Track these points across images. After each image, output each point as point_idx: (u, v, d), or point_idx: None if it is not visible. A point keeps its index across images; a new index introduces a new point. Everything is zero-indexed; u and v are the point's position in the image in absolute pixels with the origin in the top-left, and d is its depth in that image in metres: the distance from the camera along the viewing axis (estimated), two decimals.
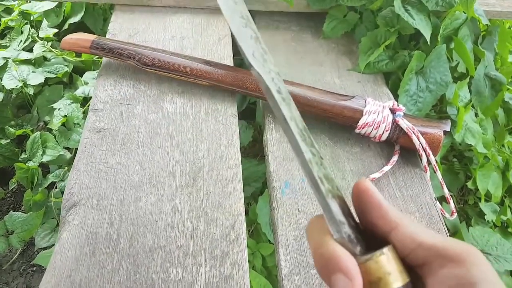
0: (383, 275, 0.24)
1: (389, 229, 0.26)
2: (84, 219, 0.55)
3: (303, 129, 0.28)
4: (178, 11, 0.87)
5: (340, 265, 0.23)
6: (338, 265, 0.23)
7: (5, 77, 1.06)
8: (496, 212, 1.01)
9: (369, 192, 0.26)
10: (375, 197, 0.26)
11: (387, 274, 0.24)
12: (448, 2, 0.78)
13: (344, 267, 0.23)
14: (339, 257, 0.24)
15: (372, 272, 0.24)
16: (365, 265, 0.24)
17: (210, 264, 0.53)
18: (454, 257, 0.23)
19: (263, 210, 0.87)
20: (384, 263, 0.24)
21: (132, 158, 0.62)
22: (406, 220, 0.26)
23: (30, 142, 1.02)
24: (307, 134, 0.28)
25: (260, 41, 0.30)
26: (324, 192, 0.26)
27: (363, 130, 0.67)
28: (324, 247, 0.25)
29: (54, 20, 1.17)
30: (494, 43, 0.96)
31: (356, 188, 0.27)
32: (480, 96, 0.91)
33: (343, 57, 0.85)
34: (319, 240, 0.25)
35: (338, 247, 0.24)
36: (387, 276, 0.23)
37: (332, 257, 0.24)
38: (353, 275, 0.23)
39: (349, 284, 0.23)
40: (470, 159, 1.02)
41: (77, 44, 0.72)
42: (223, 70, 0.70)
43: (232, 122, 0.69)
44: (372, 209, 0.26)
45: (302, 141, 0.27)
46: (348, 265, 0.23)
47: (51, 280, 0.50)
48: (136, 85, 0.72)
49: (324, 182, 0.26)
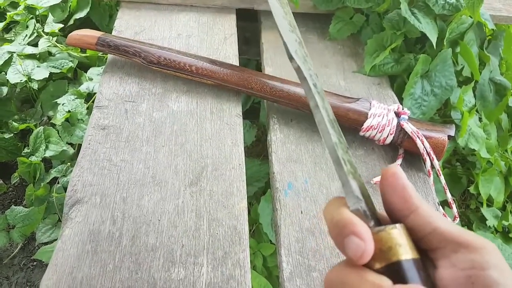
0: (393, 245, 0.25)
1: (409, 212, 0.27)
2: (87, 217, 0.55)
3: (333, 120, 0.31)
4: (185, 9, 0.87)
5: (354, 228, 0.24)
6: (352, 229, 0.25)
7: (9, 71, 1.06)
8: (497, 218, 1.01)
9: (396, 175, 0.28)
10: (402, 180, 0.28)
11: (397, 245, 0.25)
12: (455, 6, 0.78)
13: (357, 231, 0.24)
14: (353, 223, 0.25)
15: (383, 241, 0.25)
16: (377, 235, 0.25)
17: (212, 264, 0.53)
18: (468, 243, 0.25)
19: (265, 210, 0.87)
20: (395, 236, 0.25)
21: (136, 156, 0.62)
22: (426, 206, 0.27)
23: (33, 136, 1.02)
24: (336, 126, 0.30)
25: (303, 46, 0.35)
26: (346, 171, 0.28)
27: (367, 133, 0.67)
28: (340, 215, 0.26)
29: (59, 15, 1.17)
30: (500, 47, 0.96)
31: (385, 171, 0.28)
32: (485, 101, 0.91)
33: (349, 59, 0.85)
34: (336, 211, 0.27)
35: (353, 215, 0.26)
36: (397, 247, 0.25)
37: (347, 223, 0.25)
38: (365, 237, 0.24)
39: (362, 244, 0.24)
40: (473, 163, 1.02)
41: (83, 40, 0.72)
42: (228, 69, 0.70)
43: (237, 122, 0.69)
44: (396, 191, 0.27)
45: (331, 127, 0.29)
46: (362, 229, 0.24)
47: (53, 277, 0.50)
48: (141, 83, 0.72)
49: (347, 164, 0.28)
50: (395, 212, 0.28)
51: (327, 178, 0.64)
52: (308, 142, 0.68)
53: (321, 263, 0.55)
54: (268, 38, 0.87)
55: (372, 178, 0.65)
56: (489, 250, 0.24)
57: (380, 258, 0.25)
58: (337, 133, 0.30)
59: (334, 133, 0.29)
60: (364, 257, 0.24)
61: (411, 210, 0.27)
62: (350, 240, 0.24)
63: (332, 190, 0.63)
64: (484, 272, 0.23)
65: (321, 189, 0.62)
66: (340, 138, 0.30)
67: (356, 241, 0.24)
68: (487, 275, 0.23)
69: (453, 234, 0.25)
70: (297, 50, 0.33)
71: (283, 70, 0.80)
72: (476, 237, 0.25)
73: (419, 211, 0.27)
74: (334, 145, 0.29)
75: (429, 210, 0.27)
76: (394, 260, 0.24)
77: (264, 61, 0.82)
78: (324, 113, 0.30)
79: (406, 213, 0.27)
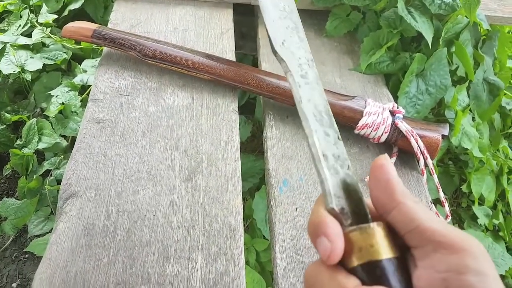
0: (364, 246, 0.24)
1: (391, 207, 0.26)
2: (81, 211, 0.55)
3: (323, 111, 0.30)
4: (181, 3, 0.86)
5: (324, 229, 0.25)
6: (321, 229, 0.25)
7: (2, 61, 1.04)
8: (488, 216, 1.02)
9: (382, 168, 0.27)
10: (386, 174, 0.27)
11: (369, 245, 0.24)
12: (451, 6, 0.78)
13: (326, 231, 0.25)
14: (324, 223, 0.25)
15: (354, 241, 0.25)
16: (349, 235, 0.25)
17: (206, 260, 0.53)
18: (450, 244, 0.23)
19: (259, 206, 0.88)
20: (367, 236, 0.25)
21: (131, 151, 0.62)
22: (410, 201, 0.26)
23: (26, 128, 1.01)
24: (327, 117, 0.29)
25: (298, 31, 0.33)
26: (325, 167, 0.27)
27: (362, 131, 0.67)
28: (315, 214, 0.26)
29: (54, 6, 1.16)
30: (494, 48, 0.97)
31: (373, 164, 0.28)
32: (478, 101, 0.92)
33: (345, 56, 0.85)
34: (313, 210, 0.27)
35: (326, 215, 0.26)
36: (368, 248, 0.24)
37: (319, 222, 0.25)
38: (333, 238, 0.24)
39: (329, 245, 0.24)
40: (466, 162, 1.03)
41: (78, 32, 0.71)
42: (225, 64, 0.70)
43: (233, 118, 0.69)
44: (381, 185, 0.27)
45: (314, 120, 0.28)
46: (331, 230, 0.25)
47: (46, 271, 0.50)
48: (137, 76, 0.72)
49: (330, 159, 0.28)
50: (378, 207, 0.27)
51: None
52: (303, 139, 0.69)
53: (314, 260, 0.55)
54: (265, 34, 0.86)
55: (366, 176, 0.66)
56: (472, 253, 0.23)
57: (354, 257, 0.25)
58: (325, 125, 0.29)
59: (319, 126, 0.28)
60: (331, 258, 0.24)
61: (393, 206, 0.26)
62: (320, 240, 0.25)
63: None
64: (461, 277, 0.22)
65: (316, 187, 0.63)
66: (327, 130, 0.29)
67: (325, 242, 0.24)
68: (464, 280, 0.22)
69: (435, 232, 0.24)
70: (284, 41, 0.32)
71: (279, 66, 0.79)
72: (462, 238, 0.24)
73: (402, 207, 0.26)
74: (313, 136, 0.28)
75: (413, 206, 0.26)
76: (367, 260, 0.24)
77: (261, 56, 0.82)
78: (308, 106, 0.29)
79: (389, 209, 0.26)
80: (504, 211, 1.07)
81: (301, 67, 0.31)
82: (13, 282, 1.01)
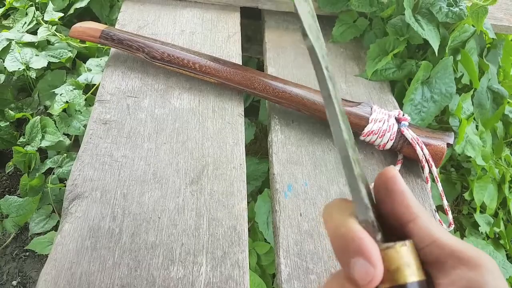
0: (402, 266, 0.23)
1: (408, 220, 0.25)
2: (87, 212, 0.55)
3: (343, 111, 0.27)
4: (189, 5, 0.87)
5: (363, 248, 0.22)
6: (360, 248, 0.22)
7: (7, 58, 1.04)
8: (490, 224, 1.02)
9: (395, 179, 0.26)
10: (400, 185, 0.26)
11: (406, 265, 0.23)
12: (458, 14, 0.78)
13: (367, 252, 0.22)
14: (362, 240, 0.22)
15: (391, 260, 0.23)
16: (385, 253, 0.23)
17: (211, 264, 0.53)
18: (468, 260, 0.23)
19: (261, 209, 0.88)
20: (404, 254, 0.23)
21: (137, 152, 0.62)
22: (426, 215, 0.25)
23: (30, 126, 1.01)
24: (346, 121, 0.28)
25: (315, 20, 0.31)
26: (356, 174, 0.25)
27: (368, 137, 0.67)
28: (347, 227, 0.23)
29: (59, 4, 1.16)
30: (499, 56, 0.97)
31: (382, 175, 0.26)
32: (482, 109, 0.92)
33: (351, 63, 0.86)
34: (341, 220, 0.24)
35: (362, 230, 0.23)
36: (405, 268, 0.23)
37: (354, 239, 0.23)
38: (375, 261, 0.22)
39: (371, 270, 0.22)
40: (468, 170, 1.03)
41: (86, 33, 0.71)
42: (232, 68, 0.70)
43: (238, 122, 0.69)
44: (395, 196, 0.26)
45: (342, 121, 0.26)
46: (372, 250, 0.22)
47: (51, 272, 0.50)
48: (144, 78, 0.72)
49: (357, 166, 0.26)
50: (391, 219, 0.26)
51: (327, 181, 0.65)
52: (308, 144, 0.69)
53: (319, 266, 0.55)
54: (271, 38, 0.87)
55: (371, 183, 0.66)
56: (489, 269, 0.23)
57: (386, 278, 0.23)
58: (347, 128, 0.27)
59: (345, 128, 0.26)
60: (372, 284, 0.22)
61: (410, 219, 0.25)
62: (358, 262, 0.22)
63: (332, 193, 0.63)
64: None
65: (321, 192, 0.63)
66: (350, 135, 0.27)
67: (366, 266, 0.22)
68: None
69: (453, 248, 0.24)
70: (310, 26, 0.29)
71: (285, 71, 0.80)
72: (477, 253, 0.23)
73: (419, 220, 0.25)
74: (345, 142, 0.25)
75: (429, 220, 0.25)
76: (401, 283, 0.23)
77: (267, 60, 0.82)
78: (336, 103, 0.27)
79: (404, 222, 0.25)
80: (505, 219, 1.07)
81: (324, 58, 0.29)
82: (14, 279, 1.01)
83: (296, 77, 0.79)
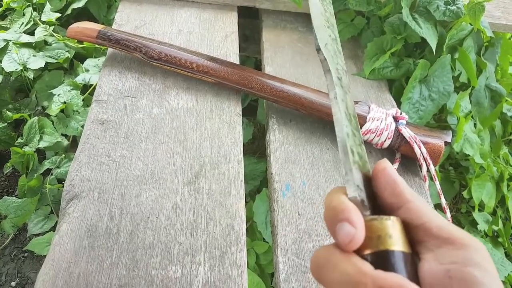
0: (383, 235, 0.25)
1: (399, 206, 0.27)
2: (84, 212, 0.55)
3: (352, 114, 0.31)
4: (186, 5, 0.87)
5: (347, 214, 0.25)
6: (345, 214, 0.25)
7: (5, 59, 1.04)
8: (488, 222, 1.02)
9: (386, 170, 0.28)
10: (391, 176, 0.28)
11: (388, 235, 0.25)
12: (455, 13, 0.78)
13: (350, 217, 0.25)
14: (347, 208, 0.25)
15: (374, 229, 0.25)
16: (370, 223, 0.25)
17: (209, 263, 0.53)
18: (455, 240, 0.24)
19: (259, 208, 0.88)
20: (387, 226, 0.25)
21: (134, 152, 0.62)
22: (418, 201, 0.27)
23: (27, 126, 1.01)
24: (354, 120, 0.31)
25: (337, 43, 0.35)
26: (351, 160, 0.28)
27: (365, 136, 0.67)
28: (338, 201, 0.26)
29: (57, 4, 1.16)
30: (496, 54, 0.97)
31: (375, 169, 0.28)
32: (480, 107, 0.92)
33: (348, 61, 0.86)
34: (335, 197, 0.27)
35: (349, 202, 0.26)
36: (387, 237, 0.25)
37: (341, 208, 0.25)
38: (357, 225, 0.24)
39: (352, 231, 0.24)
40: (466, 168, 1.03)
41: (83, 33, 0.71)
42: (229, 68, 0.70)
43: (236, 121, 0.69)
44: (387, 187, 0.27)
45: (346, 119, 0.30)
46: (355, 217, 0.25)
47: (49, 272, 0.50)
48: (141, 78, 0.72)
49: (355, 155, 0.28)
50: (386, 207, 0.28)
51: (325, 180, 0.65)
52: (306, 143, 0.69)
53: None
54: (268, 37, 0.87)
55: None
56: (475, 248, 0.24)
57: (369, 245, 0.25)
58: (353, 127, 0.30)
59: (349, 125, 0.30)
60: (353, 244, 0.24)
61: (400, 205, 0.27)
62: (342, 225, 0.25)
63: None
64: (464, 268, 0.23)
65: (319, 191, 0.63)
66: (355, 132, 0.30)
67: (348, 227, 0.24)
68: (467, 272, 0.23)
69: (442, 229, 0.25)
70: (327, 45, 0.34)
71: (283, 70, 0.80)
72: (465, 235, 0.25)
73: (410, 205, 0.27)
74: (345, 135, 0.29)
75: (420, 205, 0.27)
76: (381, 249, 0.25)
77: (264, 60, 0.82)
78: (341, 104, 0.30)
79: (396, 208, 0.27)
80: (504, 217, 1.07)
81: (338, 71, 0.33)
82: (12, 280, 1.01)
83: (294, 76, 0.79)
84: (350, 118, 0.31)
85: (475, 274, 0.23)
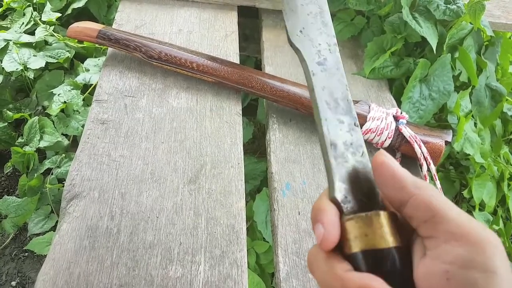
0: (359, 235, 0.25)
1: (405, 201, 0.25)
2: (85, 212, 0.55)
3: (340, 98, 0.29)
4: (186, 5, 0.87)
5: (321, 216, 0.26)
6: (318, 216, 0.26)
7: (5, 59, 1.04)
8: (489, 222, 1.02)
9: (382, 166, 0.26)
10: (390, 170, 0.26)
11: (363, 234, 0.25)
12: (456, 12, 0.78)
13: (322, 218, 0.25)
14: (323, 210, 0.26)
15: (350, 230, 0.25)
16: (346, 223, 0.25)
17: (209, 263, 0.53)
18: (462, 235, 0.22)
19: (260, 208, 0.88)
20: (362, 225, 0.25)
21: (135, 152, 0.62)
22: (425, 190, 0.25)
23: (28, 126, 1.01)
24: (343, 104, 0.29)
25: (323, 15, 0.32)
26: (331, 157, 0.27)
27: (365, 136, 0.67)
28: (317, 202, 0.27)
29: (57, 4, 1.16)
30: (496, 54, 0.97)
31: (373, 162, 0.27)
32: (480, 106, 0.92)
33: (349, 61, 0.86)
34: (318, 198, 0.28)
35: (326, 203, 0.26)
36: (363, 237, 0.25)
37: (318, 210, 0.26)
38: (327, 226, 0.25)
39: (322, 232, 0.25)
40: (467, 167, 1.03)
41: (83, 32, 0.71)
42: (229, 67, 0.70)
43: (236, 121, 0.69)
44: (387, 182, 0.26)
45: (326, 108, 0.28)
46: (326, 218, 0.25)
47: (50, 272, 0.50)
48: (141, 78, 0.72)
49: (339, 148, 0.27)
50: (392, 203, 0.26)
51: (325, 179, 0.64)
52: (306, 143, 0.69)
53: None
54: (268, 37, 0.87)
55: None
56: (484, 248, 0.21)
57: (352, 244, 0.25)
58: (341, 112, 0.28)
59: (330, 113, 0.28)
60: (324, 244, 0.25)
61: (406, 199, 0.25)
62: (317, 227, 0.25)
63: None
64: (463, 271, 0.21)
65: (319, 190, 0.63)
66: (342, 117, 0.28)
67: (319, 228, 0.25)
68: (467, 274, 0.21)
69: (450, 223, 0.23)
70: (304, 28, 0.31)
71: (283, 69, 0.80)
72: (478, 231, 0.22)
73: (415, 198, 0.24)
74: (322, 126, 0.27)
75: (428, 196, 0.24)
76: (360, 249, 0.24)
77: (265, 59, 0.82)
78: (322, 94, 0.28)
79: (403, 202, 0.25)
80: (504, 217, 1.07)
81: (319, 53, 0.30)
82: (13, 280, 1.01)
83: (294, 75, 0.79)
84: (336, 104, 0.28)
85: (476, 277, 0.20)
